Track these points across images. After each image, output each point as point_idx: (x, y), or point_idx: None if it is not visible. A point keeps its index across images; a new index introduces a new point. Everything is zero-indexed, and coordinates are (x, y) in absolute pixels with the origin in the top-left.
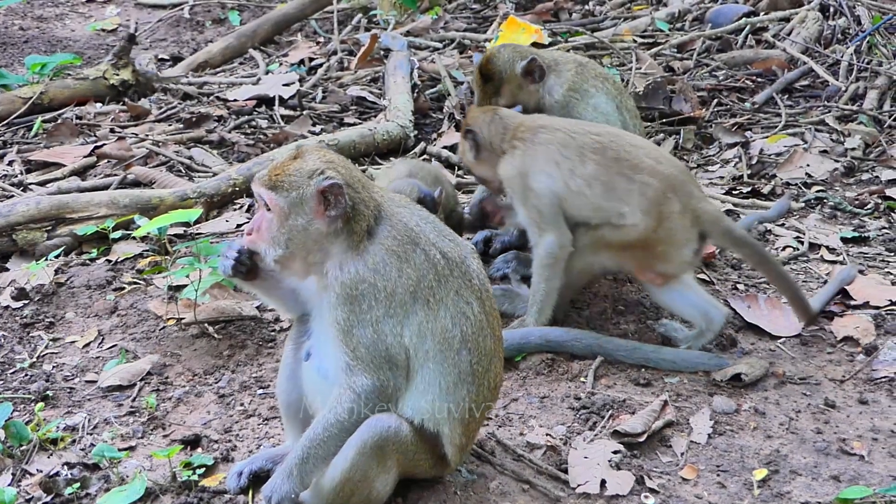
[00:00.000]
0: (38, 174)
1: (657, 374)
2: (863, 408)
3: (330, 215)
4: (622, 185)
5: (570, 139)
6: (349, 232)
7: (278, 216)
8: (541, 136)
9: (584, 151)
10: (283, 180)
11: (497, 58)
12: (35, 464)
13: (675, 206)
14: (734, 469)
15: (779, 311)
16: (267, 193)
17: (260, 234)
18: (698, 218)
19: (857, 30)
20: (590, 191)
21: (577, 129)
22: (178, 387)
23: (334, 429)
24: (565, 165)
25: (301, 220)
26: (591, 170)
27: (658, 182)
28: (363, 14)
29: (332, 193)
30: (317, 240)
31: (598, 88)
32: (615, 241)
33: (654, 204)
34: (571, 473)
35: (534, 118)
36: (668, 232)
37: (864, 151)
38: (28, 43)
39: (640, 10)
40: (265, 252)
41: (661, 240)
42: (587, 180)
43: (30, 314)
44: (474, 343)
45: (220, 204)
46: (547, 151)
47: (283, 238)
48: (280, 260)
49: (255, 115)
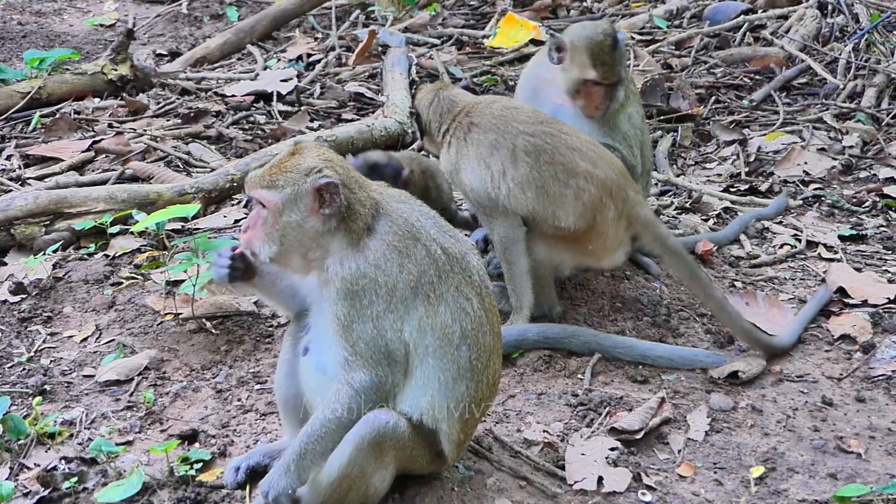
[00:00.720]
0: (36, 169)
1: (654, 371)
2: (860, 406)
3: (324, 214)
4: (556, 190)
5: (501, 140)
6: (346, 230)
7: (273, 213)
8: (473, 136)
9: (516, 153)
10: (278, 177)
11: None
12: (32, 458)
13: (610, 213)
14: (731, 466)
15: (777, 310)
16: (261, 192)
17: (255, 231)
18: (632, 223)
19: (855, 27)
20: (523, 195)
21: (510, 128)
22: (175, 382)
23: (332, 425)
24: (496, 168)
25: (295, 216)
26: (524, 173)
27: (594, 188)
28: (361, 10)
29: (327, 192)
30: (313, 237)
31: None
32: (551, 234)
33: (589, 209)
34: (568, 470)
35: (473, 105)
36: (601, 236)
37: (862, 149)
38: (26, 38)
39: (638, 6)
40: (260, 250)
41: (592, 241)
42: (520, 184)
43: (28, 308)
44: (474, 339)
45: (218, 199)
46: (478, 153)
47: (278, 235)
48: (275, 257)
49: (253, 111)
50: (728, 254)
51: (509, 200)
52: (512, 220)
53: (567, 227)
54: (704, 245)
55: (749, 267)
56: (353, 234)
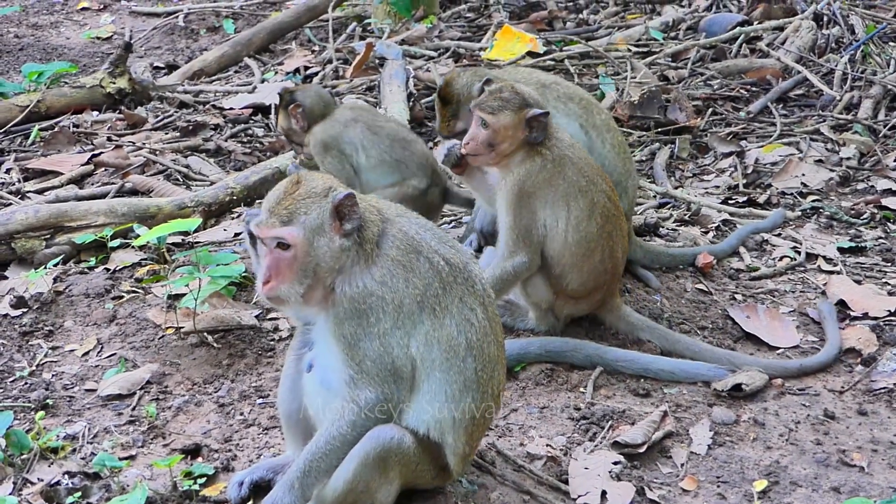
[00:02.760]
0: (35, 182)
1: (656, 385)
2: (862, 419)
3: (346, 229)
4: (595, 259)
5: (588, 190)
6: (362, 241)
7: (300, 247)
8: (567, 173)
9: (594, 210)
10: (296, 209)
11: (455, 81)
12: (36, 473)
13: (598, 295)
14: (734, 480)
15: (778, 322)
16: (282, 230)
17: (281, 277)
18: (602, 308)
19: (851, 39)
20: (574, 247)
21: (596, 181)
22: (177, 396)
23: (336, 442)
24: (574, 214)
25: (324, 241)
26: (591, 231)
27: (609, 273)
28: (358, 22)
29: (345, 206)
30: (337, 258)
31: (558, 110)
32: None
33: (594, 286)
34: (572, 484)
35: (560, 138)
36: (577, 302)
37: (860, 161)
38: (23, 51)
39: (634, 19)
40: (288, 293)
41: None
42: (580, 239)
43: (29, 322)
44: (479, 350)
45: (218, 213)
46: (566, 191)
47: (311, 269)
48: (305, 294)
49: (252, 124)
50: (728, 266)
51: (554, 244)
52: (537, 259)
53: (569, 286)
54: (704, 258)
55: (749, 279)
56: (366, 243)
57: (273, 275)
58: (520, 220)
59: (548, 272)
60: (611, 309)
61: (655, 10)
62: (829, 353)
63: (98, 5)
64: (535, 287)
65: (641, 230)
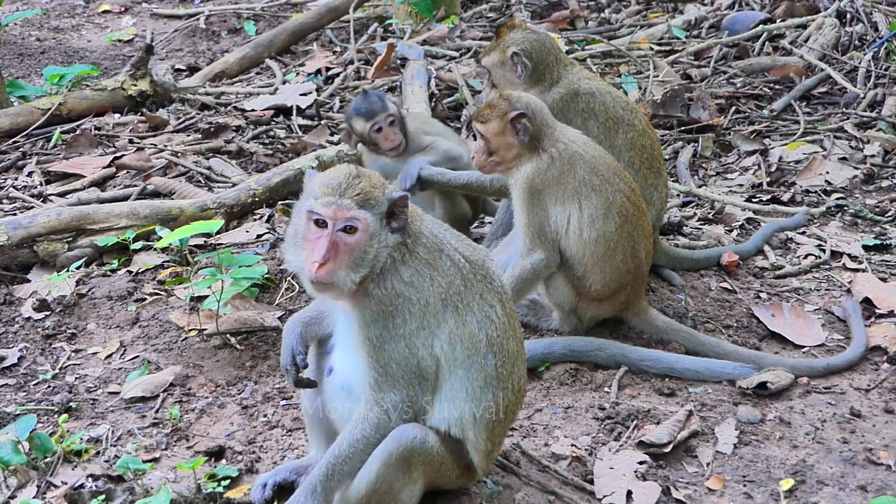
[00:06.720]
0: (57, 185)
1: (681, 384)
2: (889, 417)
3: (393, 226)
4: (618, 259)
5: (603, 188)
6: (403, 240)
7: (366, 234)
8: (577, 170)
9: (611, 209)
10: (370, 196)
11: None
12: (59, 476)
13: (622, 296)
14: (760, 479)
15: (803, 321)
16: (357, 212)
17: (339, 259)
18: (627, 311)
19: (874, 36)
20: (592, 246)
21: (613, 180)
22: (200, 398)
23: (360, 444)
24: (587, 212)
25: (382, 234)
26: (608, 230)
27: (632, 273)
28: (379, 23)
29: (400, 205)
30: (384, 252)
31: (576, 125)
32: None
33: (618, 286)
34: (597, 484)
35: (563, 131)
36: (603, 303)
37: (884, 158)
38: (45, 54)
39: (657, 17)
40: (343, 279)
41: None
42: (598, 238)
43: (52, 325)
44: (499, 346)
45: (240, 214)
46: (577, 189)
47: (370, 256)
48: (358, 281)
49: (273, 126)
50: (752, 265)
51: (571, 242)
52: (555, 257)
53: (592, 287)
54: (729, 256)
55: (774, 278)
56: (404, 244)
57: (332, 257)
58: (533, 218)
59: (570, 273)
60: (636, 312)
61: (678, 8)
62: (856, 352)
63: (119, 8)
64: (558, 288)
65: (665, 229)
